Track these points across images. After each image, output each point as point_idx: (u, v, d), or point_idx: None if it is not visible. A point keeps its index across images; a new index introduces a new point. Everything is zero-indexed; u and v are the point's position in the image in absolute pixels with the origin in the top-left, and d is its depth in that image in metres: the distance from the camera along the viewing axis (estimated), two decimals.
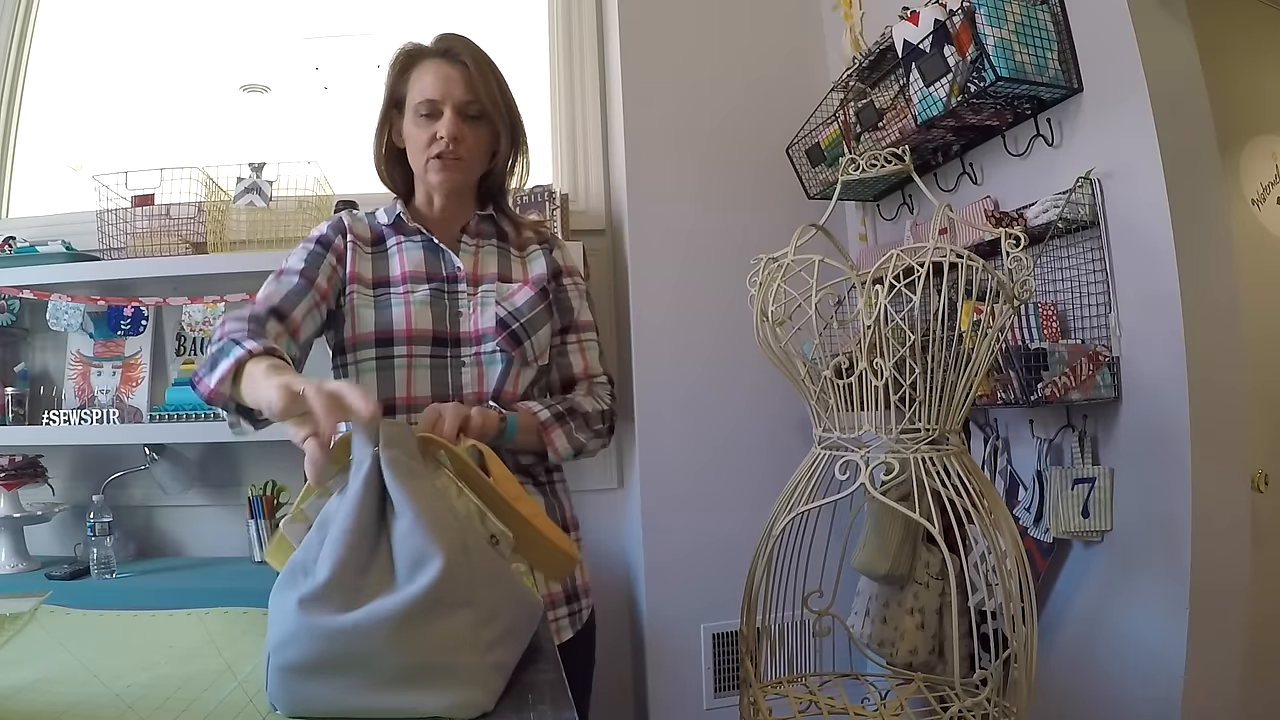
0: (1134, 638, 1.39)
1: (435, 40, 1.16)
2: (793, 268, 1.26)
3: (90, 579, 1.72)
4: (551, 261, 1.25)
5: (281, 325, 1.04)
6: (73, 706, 0.68)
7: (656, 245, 2.05)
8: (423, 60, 1.15)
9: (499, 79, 1.18)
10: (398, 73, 1.17)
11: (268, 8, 2.31)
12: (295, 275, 1.11)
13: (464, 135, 1.14)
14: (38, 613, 0.97)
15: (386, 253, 1.19)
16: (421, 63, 1.15)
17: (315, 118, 2.31)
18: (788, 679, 1.42)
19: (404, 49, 1.17)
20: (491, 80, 1.16)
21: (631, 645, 2.06)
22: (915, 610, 1.48)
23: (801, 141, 2.02)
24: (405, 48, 1.17)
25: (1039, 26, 1.45)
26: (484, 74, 1.15)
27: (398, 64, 1.17)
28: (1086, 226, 1.44)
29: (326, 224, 1.20)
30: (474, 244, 1.22)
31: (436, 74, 1.13)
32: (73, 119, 2.26)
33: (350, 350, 1.14)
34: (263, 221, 1.98)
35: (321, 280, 1.12)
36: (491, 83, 1.16)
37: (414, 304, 1.14)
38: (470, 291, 1.17)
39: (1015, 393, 1.40)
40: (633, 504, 2.03)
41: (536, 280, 1.21)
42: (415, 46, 1.17)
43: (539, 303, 1.19)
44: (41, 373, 2.05)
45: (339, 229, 1.19)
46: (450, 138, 1.12)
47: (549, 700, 0.70)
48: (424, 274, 1.17)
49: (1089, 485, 1.42)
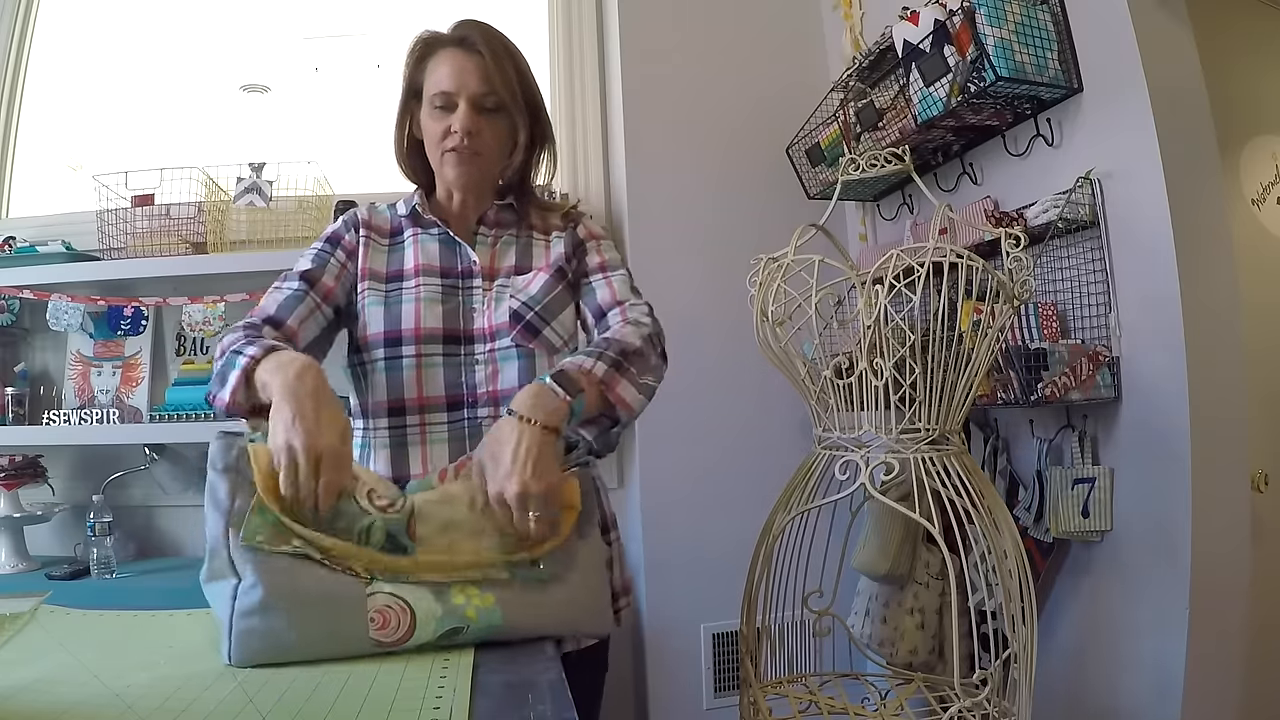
0: (1134, 638, 1.39)
1: (452, 28, 1.12)
2: (793, 268, 1.26)
3: (90, 579, 1.72)
4: (573, 237, 1.19)
5: (278, 333, 1.04)
6: (73, 706, 0.68)
7: (656, 245, 2.05)
8: (439, 49, 1.11)
9: (519, 67, 1.13)
10: (415, 61, 1.13)
11: (268, 8, 2.31)
12: (295, 281, 1.11)
13: (480, 128, 1.09)
14: (38, 613, 0.97)
15: (403, 245, 1.17)
16: (438, 52, 1.11)
17: (315, 118, 2.31)
18: (788, 679, 1.42)
19: (420, 37, 1.13)
20: (510, 69, 1.11)
21: (631, 645, 2.05)
22: (915, 610, 1.48)
23: (801, 141, 2.02)
24: (422, 35, 1.13)
25: (1039, 26, 1.45)
26: (501, 63, 1.10)
27: (415, 53, 1.13)
28: (1086, 226, 1.44)
29: (342, 218, 1.19)
30: (491, 235, 1.17)
31: (452, 64, 1.09)
32: (73, 119, 2.26)
33: (364, 349, 1.12)
34: (263, 221, 1.98)
35: (327, 279, 1.12)
36: (510, 71, 1.11)
37: (423, 300, 1.11)
38: (485, 287, 1.13)
39: (1015, 393, 1.40)
40: (633, 504, 2.03)
41: (554, 261, 1.16)
42: (432, 35, 1.13)
43: (555, 285, 1.14)
44: (41, 373, 2.04)
45: (352, 223, 1.18)
46: (465, 131, 1.08)
47: (549, 700, 0.70)
48: (438, 268, 1.14)
49: (1089, 485, 1.42)
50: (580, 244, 1.20)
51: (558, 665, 0.79)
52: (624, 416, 1.03)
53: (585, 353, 1.03)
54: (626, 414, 1.03)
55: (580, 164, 2.24)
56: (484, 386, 1.10)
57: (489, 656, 0.81)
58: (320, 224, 2.00)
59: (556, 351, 1.13)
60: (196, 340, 2.05)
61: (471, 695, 0.70)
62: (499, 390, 1.10)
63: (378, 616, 0.80)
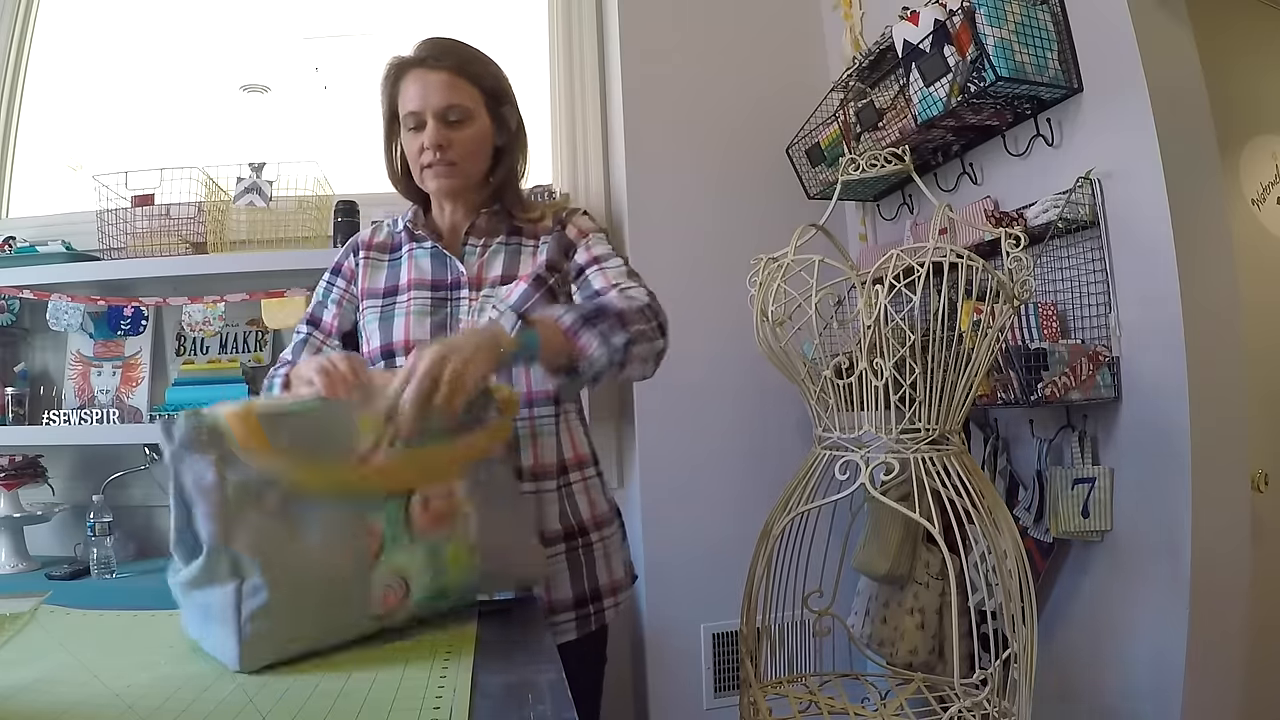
0: (1134, 638, 1.39)
1: (416, 49, 1.16)
2: (793, 268, 1.26)
3: (90, 579, 1.72)
4: (562, 240, 1.21)
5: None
6: (73, 706, 0.68)
7: (656, 245, 2.05)
8: (407, 71, 1.15)
9: (483, 77, 1.17)
10: (390, 86, 1.18)
11: (268, 8, 2.31)
12: (303, 325, 1.24)
13: (449, 141, 1.14)
14: (38, 613, 0.97)
15: (399, 261, 1.23)
16: (406, 74, 1.15)
17: (315, 118, 2.31)
18: (788, 679, 1.42)
19: (390, 62, 1.17)
20: (474, 79, 1.15)
21: (631, 645, 2.05)
22: (915, 610, 1.48)
23: (801, 141, 2.02)
24: (392, 60, 1.17)
25: (1039, 26, 1.45)
26: (465, 74, 1.14)
27: (389, 77, 1.17)
28: (1086, 226, 1.44)
29: (347, 244, 1.29)
30: (480, 245, 1.20)
31: (417, 84, 1.14)
32: (73, 119, 2.26)
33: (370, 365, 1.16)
34: (263, 221, 1.98)
35: (326, 317, 1.24)
36: (474, 82, 1.15)
37: (413, 314, 1.16)
38: (472, 297, 1.17)
39: (1015, 393, 1.40)
40: (633, 503, 2.03)
41: (534, 270, 1.18)
42: (399, 59, 1.17)
43: (533, 294, 1.15)
44: (41, 373, 2.04)
45: (353, 248, 1.27)
46: (434, 146, 1.13)
47: (549, 700, 0.70)
48: (428, 282, 1.19)
49: (1089, 485, 1.42)
50: (570, 245, 1.22)
51: (558, 665, 0.80)
52: (583, 367, 1.01)
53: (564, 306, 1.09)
54: (586, 364, 1.00)
55: (580, 164, 2.24)
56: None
57: (489, 656, 0.81)
58: (320, 224, 2.00)
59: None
60: (196, 340, 2.05)
61: (471, 695, 0.70)
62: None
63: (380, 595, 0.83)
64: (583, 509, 1.19)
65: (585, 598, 1.17)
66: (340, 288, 1.25)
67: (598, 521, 1.20)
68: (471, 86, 1.15)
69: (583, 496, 1.20)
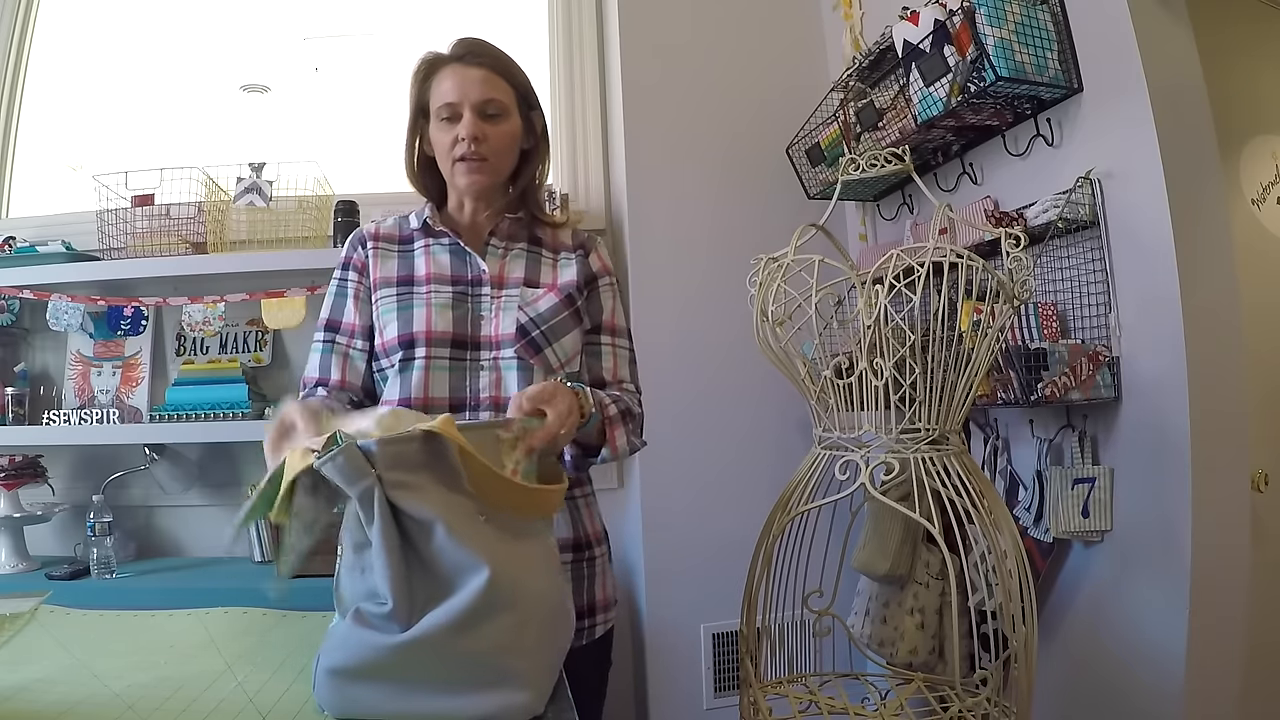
0: (1134, 638, 1.39)
1: (453, 46, 1.18)
2: (793, 268, 1.26)
3: (90, 579, 1.72)
4: (586, 267, 1.24)
5: (327, 389, 1.16)
6: (73, 706, 0.68)
7: (656, 245, 2.05)
8: (442, 67, 1.17)
9: (517, 77, 1.19)
10: (420, 81, 1.18)
11: (268, 8, 2.31)
12: (321, 332, 1.20)
13: (485, 135, 1.14)
14: (38, 613, 0.97)
15: (413, 253, 1.22)
16: (441, 69, 1.17)
17: (315, 118, 2.31)
18: (788, 679, 1.42)
19: (424, 58, 1.19)
20: (510, 78, 1.17)
21: (631, 645, 2.05)
22: (915, 610, 1.48)
23: (801, 141, 2.02)
24: (426, 56, 1.19)
25: (1039, 26, 1.45)
26: (501, 73, 1.16)
27: (420, 73, 1.19)
28: (1086, 226, 1.44)
29: (348, 240, 1.25)
30: (502, 247, 1.21)
31: (455, 78, 1.15)
32: (73, 119, 2.26)
33: (384, 355, 1.17)
34: (263, 221, 1.98)
35: (348, 318, 1.20)
36: (507, 80, 1.17)
37: (435, 306, 1.15)
38: (493, 295, 1.17)
39: (1015, 393, 1.40)
40: (633, 504, 2.03)
41: (564, 287, 1.19)
42: (435, 55, 1.18)
43: (563, 309, 1.18)
44: (41, 373, 2.05)
45: (359, 241, 1.24)
46: (470, 138, 1.13)
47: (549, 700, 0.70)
48: (448, 277, 1.18)
49: (1089, 485, 1.42)
50: (593, 279, 1.25)
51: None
52: (608, 455, 1.12)
53: (607, 394, 1.15)
54: (611, 454, 1.12)
55: (580, 164, 2.24)
56: (487, 391, 1.14)
57: None
58: (320, 224, 2.00)
59: (553, 372, 1.16)
60: (196, 340, 2.05)
61: None
62: (501, 396, 1.13)
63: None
64: (585, 523, 1.21)
65: (584, 610, 1.17)
66: (354, 281, 1.22)
67: (597, 537, 1.22)
68: (507, 85, 1.17)
69: (585, 511, 1.22)
